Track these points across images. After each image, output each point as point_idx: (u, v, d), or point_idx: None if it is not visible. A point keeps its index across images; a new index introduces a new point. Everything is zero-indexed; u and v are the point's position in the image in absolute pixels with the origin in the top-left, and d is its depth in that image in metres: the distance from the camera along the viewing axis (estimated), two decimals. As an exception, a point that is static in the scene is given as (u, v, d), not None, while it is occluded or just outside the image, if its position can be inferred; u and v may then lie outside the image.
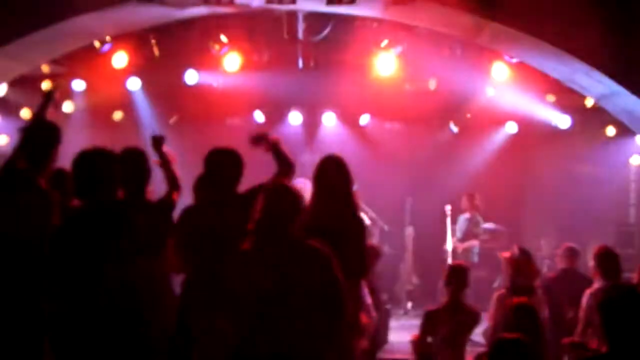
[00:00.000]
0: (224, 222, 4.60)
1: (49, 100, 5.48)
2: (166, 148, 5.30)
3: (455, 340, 5.81)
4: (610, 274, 6.17)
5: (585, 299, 6.13)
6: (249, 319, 3.83)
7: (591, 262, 6.45)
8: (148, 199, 4.92)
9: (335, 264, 3.88)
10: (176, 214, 4.99)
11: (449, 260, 10.57)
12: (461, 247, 10.95)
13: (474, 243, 11.07)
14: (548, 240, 11.18)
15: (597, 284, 6.21)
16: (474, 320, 5.97)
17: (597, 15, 7.42)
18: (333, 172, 5.10)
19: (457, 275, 6.06)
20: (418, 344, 5.88)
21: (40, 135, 4.87)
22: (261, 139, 5.18)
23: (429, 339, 5.87)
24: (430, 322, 5.90)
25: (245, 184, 4.93)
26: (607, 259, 6.28)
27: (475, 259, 10.91)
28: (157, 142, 5.25)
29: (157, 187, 5.29)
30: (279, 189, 4.05)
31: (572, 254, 7.65)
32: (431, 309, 6.12)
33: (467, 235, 11.15)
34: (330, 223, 4.46)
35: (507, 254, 6.76)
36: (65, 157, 4.78)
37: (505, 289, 6.49)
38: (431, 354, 5.80)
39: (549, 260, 11.04)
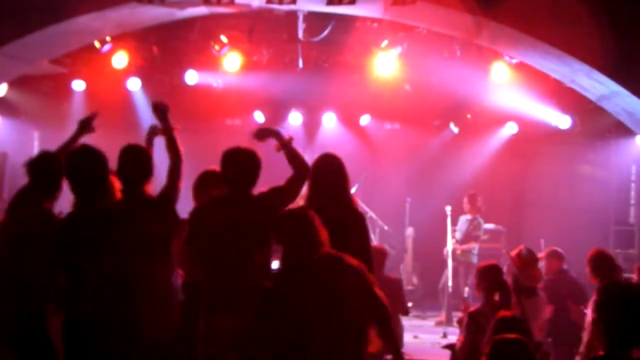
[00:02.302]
0: (238, 221, 4.57)
1: (85, 129, 5.46)
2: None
3: None
4: (606, 275, 6.15)
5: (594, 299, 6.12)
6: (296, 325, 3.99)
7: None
8: (148, 194, 4.85)
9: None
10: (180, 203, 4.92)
11: (449, 262, 10.57)
12: (460, 248, 10.93)
13: (473, 245, 11.06)
14: (548, 241, 11.16)
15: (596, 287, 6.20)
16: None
17: (597, 16, 7.42)
18: (329, 170, 5.10)
19: (496, 275, 5.96)
20: (465, 346, 5.77)
21: (47, 170, 4.83)
22: (266, 135, 5.11)
23: (474, 340, 5.74)
24: (476, 323, 5.79)
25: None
26: (602, 261, 6.28)
27: (475, 259, 10.89)
28: (160, 109, 5.06)
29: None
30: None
31: (560, 256, 7.71)
32: (473, 310, 6.02)
33: (467, 237, 11.12)
34: (328, 220, 4.44)
35: (513, 253, 6.72)
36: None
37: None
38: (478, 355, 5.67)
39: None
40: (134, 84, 11.44)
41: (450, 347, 6.19)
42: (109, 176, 4.67)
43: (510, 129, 12.88)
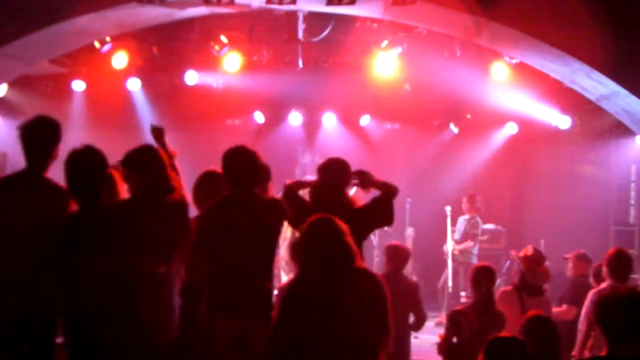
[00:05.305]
0: (242, 222, 4.57)
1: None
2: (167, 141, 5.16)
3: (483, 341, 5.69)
4: (618, 275, 6.14)
5: (589, 299, 6.10)
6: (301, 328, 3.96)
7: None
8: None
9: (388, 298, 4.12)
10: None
11: (449, 262, 10.56)
12: (457, 248, 10.91)
13: (470, 244, 11.04)
14: (548, 241, 11.17)
15: (603, 284, 6.18)
16: (503, 321, 5.78)
17: (597, 16, 7.41)
18: (334, 173, 5.19)
19: (488, 276, 5.96)
20: (444, 345, 5.79)
21: (40, 133, 4.67)
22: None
23: (455, 340, 5.76)
24: (454, 323, 5.80)
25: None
26: (618, 260, 6.25)
27: (474, 260, 10.88)
28: (158, 132, 5.09)
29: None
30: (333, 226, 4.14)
31: (589, 260, 7.50)
32: (455, 309, 6.04)
33: (464, 236, 11.12)
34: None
35: (520, 253, 6.73)
36: (65, 156, 4.76)
37: (513, 285, 6.46)
38: (457, 354, 5.68)
39: (548, 261, 11.02)
40: (134, 84, 11.43)
41: (438, 344, 6.18)
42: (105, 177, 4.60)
43: (510, 129, 12.88)
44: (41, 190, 4.58)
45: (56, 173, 4.63)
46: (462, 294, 9.28)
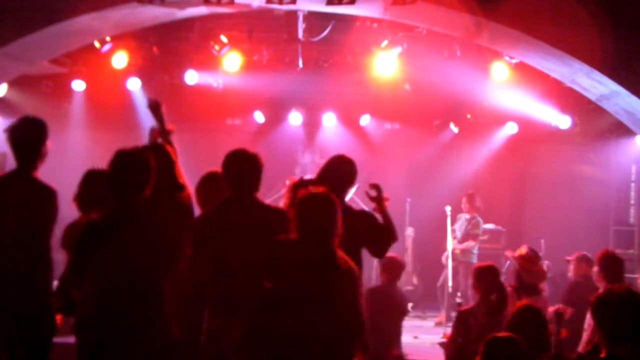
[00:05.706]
0: (242, 224, 4.56)
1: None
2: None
3: None
4: (612, 276, 6.13)
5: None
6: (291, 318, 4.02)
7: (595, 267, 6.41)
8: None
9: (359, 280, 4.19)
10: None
11: (449, 262, 10.56)
12: (459, 248, 10.91)
13: (471, 244, 11.04)
14: (548, 241, 11.18)
15: (602, 289, 6.17)
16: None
17: (597, 16, 7.42)
18: (338, 171, 5.21)
19: (493, 275, 5.94)
20: (450, 345, 5.79)
21: (27, 133, 4.75)
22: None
23: (460, 340, 5.77)
24: (463, 323, 5.79)
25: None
26: (610, 261, 6.24)
27: (475, 259, 10.89)
28: (156, 105, 5.13)
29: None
30: (321, 199, 4.19)
31: (590, 263, 7.53)
32: (463, 309, 6.03)
33: (466, 236, 11.12)
34: None
35: (516, 253, 6.73)
36: (65, 156, 4.78)
37: (511, 287, 6.46)
38: (463, 355, 5.68)
39: (548, 261, 11.04)
40: (134, 84, 11.43)
41: (442, 344, 6.22)
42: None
43: (510, 129, 12.88)
44: (30, 190, 4.69)
45: (55, 171, 4.64)
46: (458, 294, 9.28)
